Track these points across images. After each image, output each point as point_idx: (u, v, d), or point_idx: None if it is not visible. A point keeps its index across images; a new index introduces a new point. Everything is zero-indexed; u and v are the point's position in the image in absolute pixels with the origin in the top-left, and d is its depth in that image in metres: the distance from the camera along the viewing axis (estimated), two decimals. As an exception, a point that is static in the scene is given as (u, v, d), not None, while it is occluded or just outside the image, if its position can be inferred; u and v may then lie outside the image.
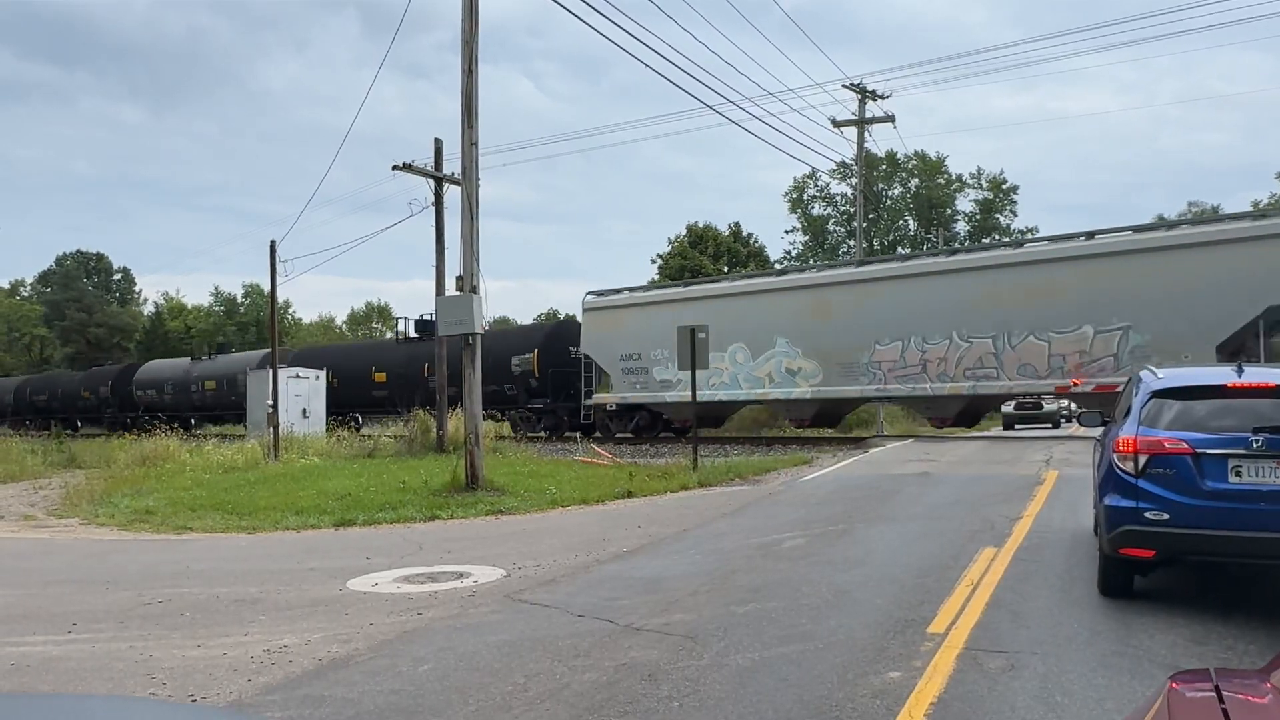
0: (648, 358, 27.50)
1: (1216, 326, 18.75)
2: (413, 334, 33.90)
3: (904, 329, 23.21)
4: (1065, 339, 21.10)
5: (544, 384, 29.63)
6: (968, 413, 24.55)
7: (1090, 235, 21.71)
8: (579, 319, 30.83)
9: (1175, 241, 20.08)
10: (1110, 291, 20.18)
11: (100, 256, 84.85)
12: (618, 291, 29.98)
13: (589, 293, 30.06)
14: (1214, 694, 1.93)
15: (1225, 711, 1.83)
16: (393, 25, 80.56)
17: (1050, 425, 33.31)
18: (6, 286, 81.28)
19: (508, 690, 5.37)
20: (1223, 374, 7.16)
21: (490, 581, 8.55)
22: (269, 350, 27.43)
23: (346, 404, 34.26)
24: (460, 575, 8.84)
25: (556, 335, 30.66)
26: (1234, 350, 18.42)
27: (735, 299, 26.55)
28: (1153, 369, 7.91)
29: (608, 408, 28.62)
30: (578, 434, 28.85)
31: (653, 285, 37.52)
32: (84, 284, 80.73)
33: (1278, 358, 19.20)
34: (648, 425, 27.88)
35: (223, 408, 40.10)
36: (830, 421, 27.16)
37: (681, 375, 23.65)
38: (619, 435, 28.15)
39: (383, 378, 33.11)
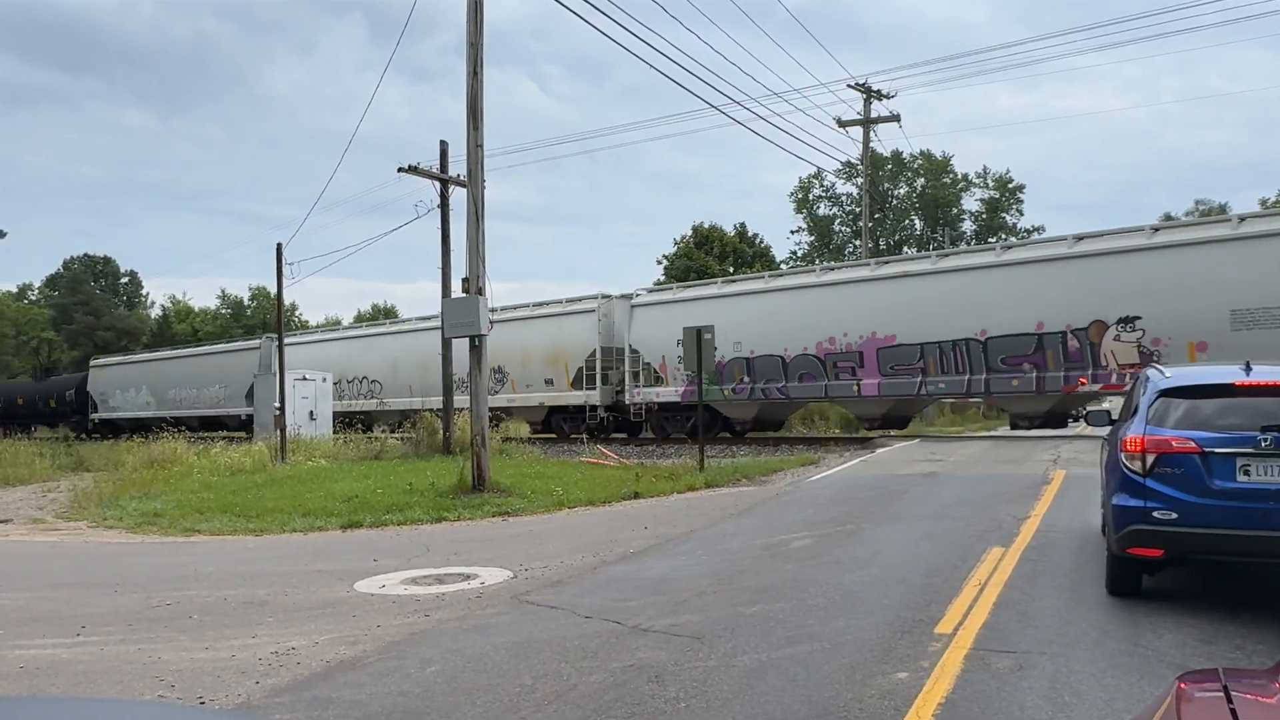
0: (110, 393, 47.81)
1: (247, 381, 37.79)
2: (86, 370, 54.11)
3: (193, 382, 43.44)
4: (220, 387, 41.13)
5: (77, 407, 49.52)
6: (213, 423, 42.70)
7: (254, 335, 44.64)
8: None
9: (231, 349, 43.46)
10: (230, 369, 40.84)
11: (107, 260, 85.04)
12: (111, 356, 53.67)
13: (95, 357, 54.14)
14: (1222, 694, 1.93)
15: (1233, 711, 1.83)
16: (398, 29, 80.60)
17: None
18: (14, 290, 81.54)
19: (515, 692, 5.37)
20: (1230, 373, 7.13)
21: (497, 583, 8.56)
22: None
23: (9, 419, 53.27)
24: (467, 577, 8.85)
25: (85, 379, 50.42)
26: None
27: (169, 362, 47.08)
28: (1159, 367, 7.88)
29: (97, 420, 48.00)
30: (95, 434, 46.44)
31: (136, 353, 56.52)
32: (91, 287, 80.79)
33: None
34: (129, 430, 42.14)
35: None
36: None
37: (124, 400, 47.04)
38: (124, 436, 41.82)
39: (22, 402, 53.68)
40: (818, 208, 66.43)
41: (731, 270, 46.75)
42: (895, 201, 65.38)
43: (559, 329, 30.12)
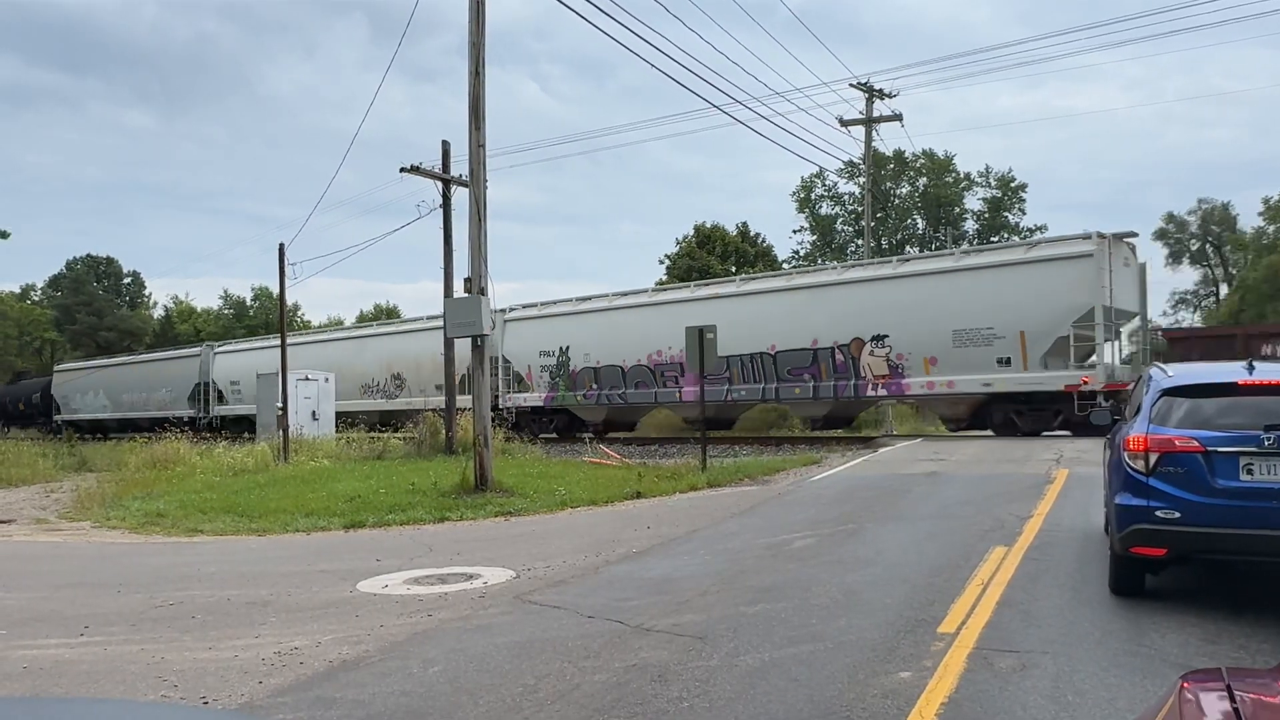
0: (71, 397, 51.05)
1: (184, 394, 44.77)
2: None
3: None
4: (166, 391, 45.10)
5: (43, 409, 52.98)
6: (160, 424, 41.99)
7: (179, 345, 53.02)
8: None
9: (176, 356, 47.16)
10: (174, 375, 45.47)
11: (110, 260, 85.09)
12: (72, 362, 58.86)
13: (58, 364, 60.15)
14: (1225, 693, 1.92)
15: (1236, 711, 1.83)
16: (399, 29, 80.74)
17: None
18: (17, 291, 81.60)
19: (518, 691, 5.38)
20: (1234, 371, 7.13)
21: (500, 583, 8.57)
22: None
23: None
24: (470, 577, 8.86)
25: (49, 384, 54.04)
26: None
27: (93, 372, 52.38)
28: (1162, 366, 7.87)
29: (60, 422, 51.03)
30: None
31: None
32: (94, 288, 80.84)
33: None
34: (91, 431, 48.47)
35: None
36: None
37: (84, 403, 50.44)
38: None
39: None
40: (820, 207, 66.35)
41: (734, 270, 46.73)
42: (897, 201, 65.34)
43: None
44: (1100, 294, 20.86)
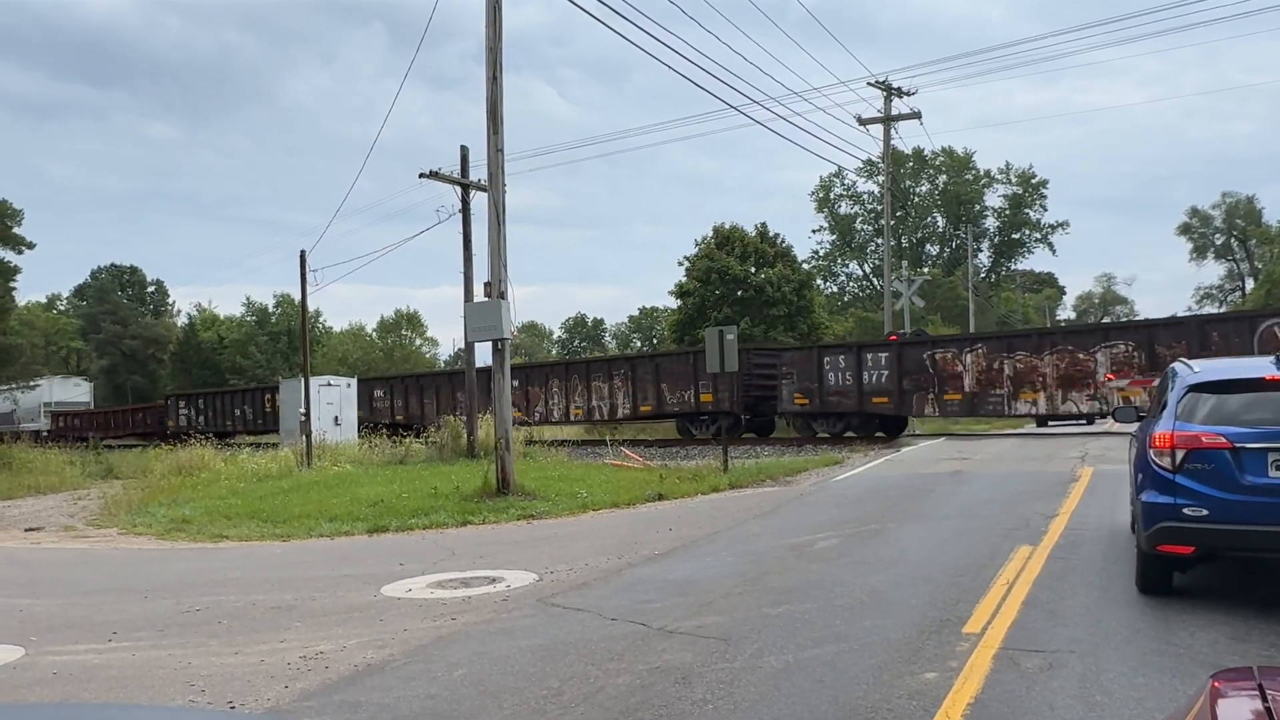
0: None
1: None
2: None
3: None
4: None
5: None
6: None
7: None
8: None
9: None
10: None
11: (134, 269, 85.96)
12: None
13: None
14: (1257, 692, 1.90)
15: (1269, 710, 1.80)
16: (417, 37, 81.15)
17: (1085, 421, 32.91)
18: (44, 301, 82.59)
19: (542, 694, 5.38)
20: (1261, 366, 7.04)
21: (523, 586, 8.58)
22: None
23: None
24: (493, 580, 8.87)
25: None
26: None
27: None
28: (1188, 362, 7.78)
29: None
30: None
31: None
32: (119, 297, 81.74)
33: None
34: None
35: None
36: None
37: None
38: None
39: None
40: (839, 206, 66.18)
41: (753, 270, 46.64)
42: (917, 199, 65.03)
43: None
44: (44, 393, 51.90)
